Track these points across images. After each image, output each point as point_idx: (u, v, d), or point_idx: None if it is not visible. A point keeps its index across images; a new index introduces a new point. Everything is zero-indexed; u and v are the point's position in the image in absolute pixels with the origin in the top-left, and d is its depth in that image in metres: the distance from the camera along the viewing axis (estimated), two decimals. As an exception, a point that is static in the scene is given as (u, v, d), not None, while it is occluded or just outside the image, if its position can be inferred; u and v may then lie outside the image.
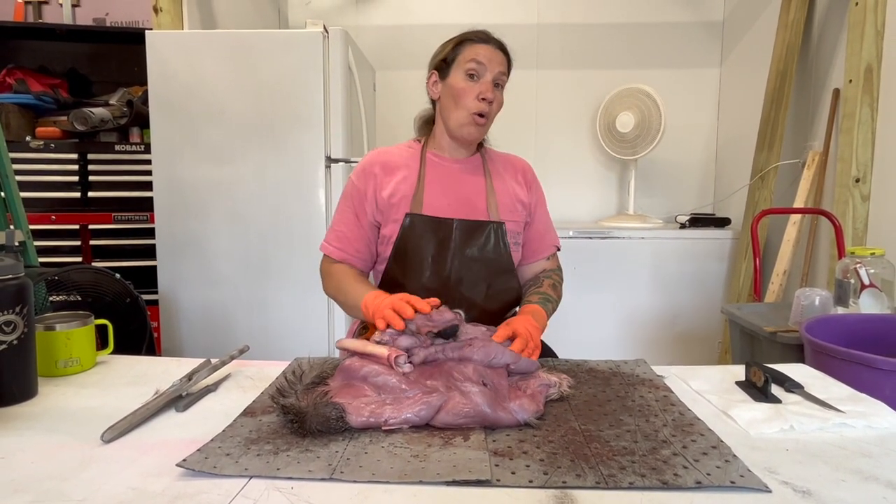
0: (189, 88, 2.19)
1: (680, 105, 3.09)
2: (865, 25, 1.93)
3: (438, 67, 1.27)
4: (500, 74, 1.24)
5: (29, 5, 2.79)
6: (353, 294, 1.18)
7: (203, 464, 0.69)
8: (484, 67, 1.22)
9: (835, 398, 0.92)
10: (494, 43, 1.25)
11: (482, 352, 0.90)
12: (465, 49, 1.24)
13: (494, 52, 1.23)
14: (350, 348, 0.94)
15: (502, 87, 1.27)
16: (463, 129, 1.24)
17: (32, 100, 2.54)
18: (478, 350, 0.90)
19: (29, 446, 0.75)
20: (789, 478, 0.67)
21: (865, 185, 1.97)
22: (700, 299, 2.79)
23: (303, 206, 2.22)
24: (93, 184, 2.51)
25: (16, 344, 0.89)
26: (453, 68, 1.24)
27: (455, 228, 1.22)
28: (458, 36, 1.27)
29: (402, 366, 0.88)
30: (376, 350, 0.90)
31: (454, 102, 1.24)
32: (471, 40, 1.24)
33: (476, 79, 1.22)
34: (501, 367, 0.91)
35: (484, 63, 1.21)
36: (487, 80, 1.22)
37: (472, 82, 1.22)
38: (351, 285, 1.20)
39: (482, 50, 1.22)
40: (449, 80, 1.25)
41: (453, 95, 1.23)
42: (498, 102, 1.25)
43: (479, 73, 1.22)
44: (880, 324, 1.50)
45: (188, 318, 2.28)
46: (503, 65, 1.25)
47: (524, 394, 0.87)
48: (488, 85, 1.22)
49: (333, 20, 3.19)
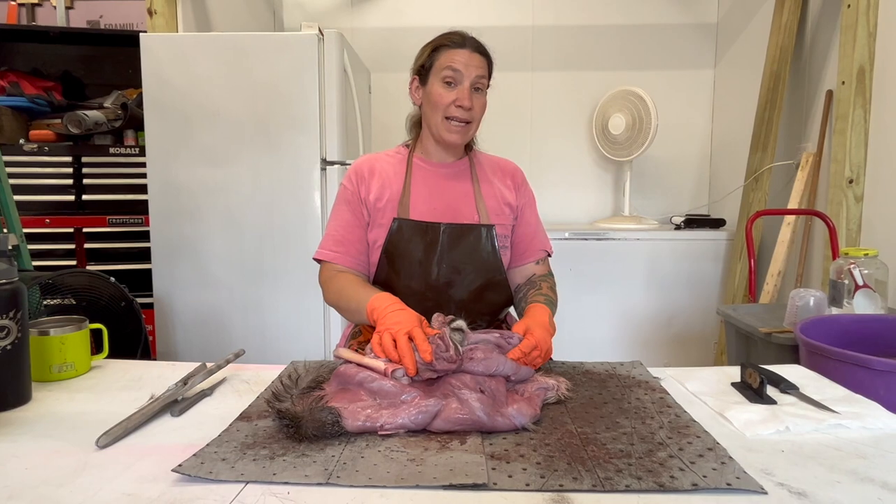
0: (184, 91, 2.19)
1: (674, 106, 3.11)
2: (858, 28, 1.94)
3: (419, 73, 1.26)
4: (479, 78, 1.22)
5: (22, 7, 2.78)
6: (356, 300, 1.12)
7: (199, 469, 0.69)
8: (461, 74, 1.20)
9: (830, 399, 0.92)
10: (471, 45, 1.22)
11: (483, 365, 0.88)
12: (441, 55, 1.22)
13: (471, 56, 1.21)
14: (347, 359, 0.94)
15: (484, 90, 1.25)
16: (444, 134, 1.24)
17: (26, 102, 2.53)
18: (478, 363, 0.88)
19: (23, 452, 0.75)
20: (785, 479, 0.68)
21: (859, 185, 1.98)
22: (695, 300, 2.80)
23: (298, 209, 2.22)
24: (87, 187, 2.50)
25: (9, 349, 0.88)
26: (431, 74, 1.23)
27: (442, 232, 1.22)
28: (434, 40, 1.25)
29: (400, 379, 0.88)
30: (373, 364, 0.90)
31: (432, 109, 1.23)
32: (446, 45, 1.22)
33: (453, 86, 1.21)
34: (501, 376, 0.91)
35: (460, 70, 1.20)
36: (465, 86, 1.20)
37: (450, 89, 1.21)
38: (356, 290, 1.16)
39: (458, 56, 1.20)
40: (428, 86, 1.24)
41: (432, 102, 1.23)
42: (479, 106, 1.24)
43: (456, 80, 1.20)
44: (874, 324, 1.51)
45: (183, 321, 2.27)
46: (481, 67, 1.22)
47: (521, 398, 0.87)
48: (465, 92, 1.20)
49: (328, 22, 3.19)
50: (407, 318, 0.97)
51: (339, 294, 1.20)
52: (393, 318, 0.98)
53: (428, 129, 1.28)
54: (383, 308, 1.02)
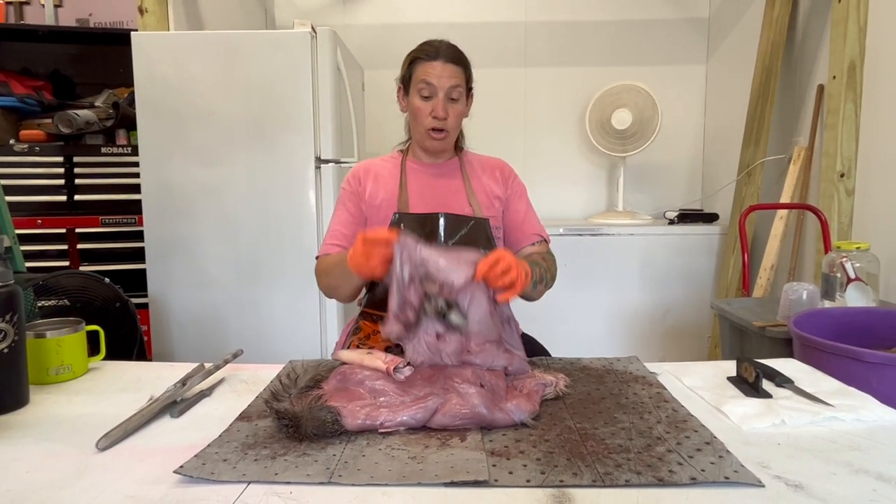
0: (176, 90, 2.17)
1: (667, 102, 3.11)
2: (848, 22, 1.96)
3: (403, 82, 1.33)
4: (453, 88, 1.27)
5: (10, 6, 2.75)
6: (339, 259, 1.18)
7: (200, 470, 0.69)
8: (434, 87, 1.26)
9: (824, 392, 0.93)
10: (444, 56, 1.26)
11: (481, 357, 0.91)
12: (417, 68, 1.28)
13: (444, 67, 1.26)
14: (347, 361, 0.95)
15: (461, 98, 1.30)
16: (425, 142, 1.32)
17: (15, 102, 2.50)
18: (477, 356, 0.91)
19: (23, 456, 0.75)
20: (781, 472, 0.69)
21: (850, 179, 2.00)
22: (689, 294, 2.82)
23: (293, 208, 2.21)
24: (79, 187, 2.48)
25: (6, 352, 0.88)
26: (411, 86, 1.29)
27: (441, 222, 1.26)
28: (411, 52, 1.31)
29: (402, 371, 0.89)
30: (373, 363, 0.91)
31: (414, 119, 1.31)
32: (421, 58, 1.28)
33: (430, 98, 1.27)
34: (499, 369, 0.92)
35: (433, 83, 1.25)
36: (439, 98, 1.26)
37: (427, 102, 1.27)
38: (338, 256, 1.23)
39: (431, 69, 1.25)
40: (409, 98, 1.31)
41: (412, 114, 1.31)
42: (454, 115, 1.29)
43: (431, 93, 1.26)
44: (866, 317, 1.52)
45: (178, 321, 2.26)
46: (456, 76, 1.27)
47: (520, 393, 0.88)
48: (440, 103, 1.26)
49: (321, 20, 3.17)
50: (379, 230, 0.99)
51: (326, 271, 1.26)
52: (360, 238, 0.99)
53: (413, 136, 1.36)
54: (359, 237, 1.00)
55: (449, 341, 0.92)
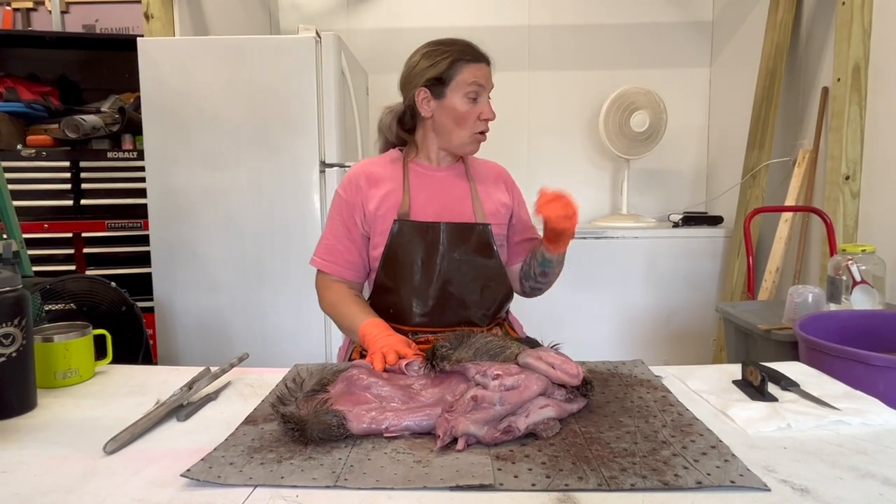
0: (182, 95, 2.19)
1: (671, 105, 3.10)
2: (853, 25, 1.95)
3: (430, 85, 1.24)
4: (491, 89, 1.28)
5: (17, 12, 2.77)
6: (349, 318, 1.22)
7: (207, 473, 0.69)
8: (483, 88, 1.25)
9: (830, 395, 0.93)
10: (486, 59, 1.27)
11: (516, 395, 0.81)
12: (462, 70, 1.23)
13: (488, 70, 1.27)
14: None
15: None
16: (466, 147, 1.29)
17: (23, 108, 2.52)
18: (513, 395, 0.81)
19: (31, 459, 0.75)
20: (787, 476, 0.68)
21: (855, 182, 1.99)
22: (694, 298, 2.81)
23: (297, 212, 2.22)
24: (85, 191, 2.49)
25: (14, 356, 0.88)
26: (450, 89, 1.23)
27: (442, 231, 1.25)
28: (449, 54, 1.23)
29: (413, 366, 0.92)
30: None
31: (455, 124, 1.25)
32: (466, 59, 1.23)
33: (475, 100, 1.25)
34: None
35: (483, 84, 1.25)
36: (486, 100, 1.26)
37: (475, 104, 1.25)
38: (347, 308, 1.23)
39: (480, 70, 1.25)
40: (446, 101, 1.24)
41: (454, 118, 1.24)
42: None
43: (478, 95, 1.25)
44: (872, 320, 1.52)
45: (184, 325, 2.27)
46: (492, 78, 1.28)
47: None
48: (488, 105, 1.26)
49: (325, 24, 3.19)
50: (396, 340, 1.07)
51: (332, 307, 1.28)
52: (383, 341, 1.07)
53: (441, 139, 1.29)
54: (374, 335, 1.11)
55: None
